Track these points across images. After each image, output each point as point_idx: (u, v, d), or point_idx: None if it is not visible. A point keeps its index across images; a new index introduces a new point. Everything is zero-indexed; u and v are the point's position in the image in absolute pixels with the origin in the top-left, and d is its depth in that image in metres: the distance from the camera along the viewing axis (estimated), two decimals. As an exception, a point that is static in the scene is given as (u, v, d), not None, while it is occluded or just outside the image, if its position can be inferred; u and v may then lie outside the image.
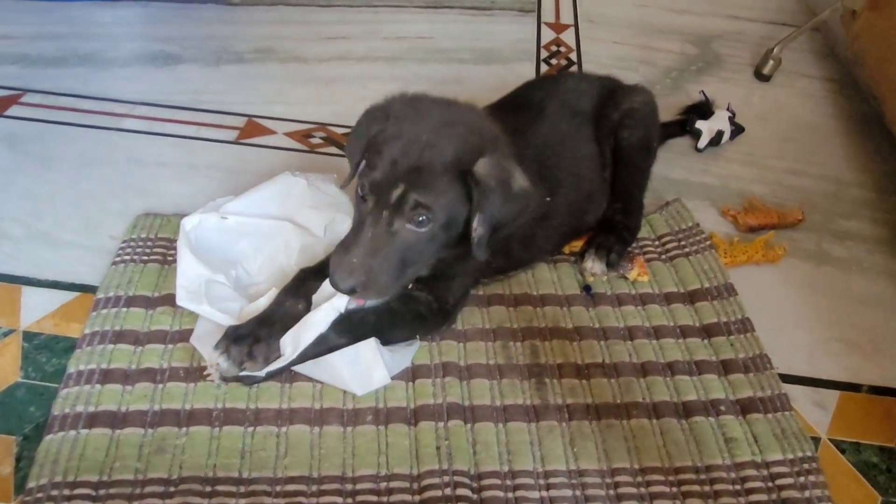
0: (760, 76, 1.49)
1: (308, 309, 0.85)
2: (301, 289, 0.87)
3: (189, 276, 0.87)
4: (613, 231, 1.00)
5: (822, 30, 1.61)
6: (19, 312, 0.94)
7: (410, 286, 0.86)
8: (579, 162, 1.00)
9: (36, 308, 0.94)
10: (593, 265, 0.97)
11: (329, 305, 0.82)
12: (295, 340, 0.82)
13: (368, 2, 1.71)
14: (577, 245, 1.02)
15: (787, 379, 0.89)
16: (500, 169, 0.77)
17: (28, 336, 0.91)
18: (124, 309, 0.91)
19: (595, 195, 1.02)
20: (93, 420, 0.79)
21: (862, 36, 1.32)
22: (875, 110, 1.35)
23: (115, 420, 0.80)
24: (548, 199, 0.89)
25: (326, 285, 0.86)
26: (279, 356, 0.82)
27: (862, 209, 1.17)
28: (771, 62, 1.48)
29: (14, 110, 1.29)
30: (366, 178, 0.77)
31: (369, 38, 1.56)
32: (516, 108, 0.99)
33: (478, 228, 0.77)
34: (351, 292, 0.77)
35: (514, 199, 0.79)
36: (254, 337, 0.82)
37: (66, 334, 0.91)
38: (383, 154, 0.76)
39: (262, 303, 0.88)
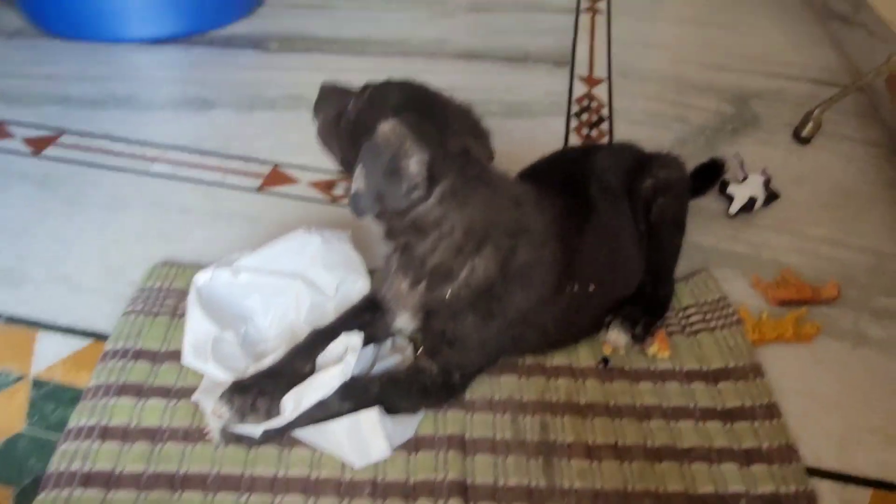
0: (799, 138, 1.44)
1: (314, 371, 0.84)
2: (311, 350, 0.86)
3: (197, 333, 0.87)
4: (642, 303, 0.97)
5: (866, 91, 1.56)
6: (31, 358, 0.95)
7: (419, 353, 0.84)
8: (621, 244, 0.97)
9: (48, 354, 0.95)
10: (618, 337, 0.94)
11: (336, 369, 0.81)
12: (297, 400, 0.80)
13: (403, 50, 1.72)
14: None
15: (815, 472, 0.83)
16: (381, 128, 0.76)
17: (37, 384, 0.91)
18: (131, 362, 0.91)
19: (634, 272, 0.99)
20: (87, 480, 0.78)
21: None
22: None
23: (110, 481, 0.78)
24: (591, 287, 0.90)
25: (333, 347, 0.85)
26: (279, 414, 0.80)
27: (904, 286, 1.11)
28: (811, 124, 1.43)
29: (50, 151, 1.32)
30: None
31: (401, 88, 1.57)
32: (564, 190, 0.95)
33: (355, 178, 0.77)
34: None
35: (385, 153, 0.76)
36: (259, 389, 0.81)
37: (73, 383, 0.91)
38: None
39: (269, 362, 0.87)
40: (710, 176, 1.24)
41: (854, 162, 1.40)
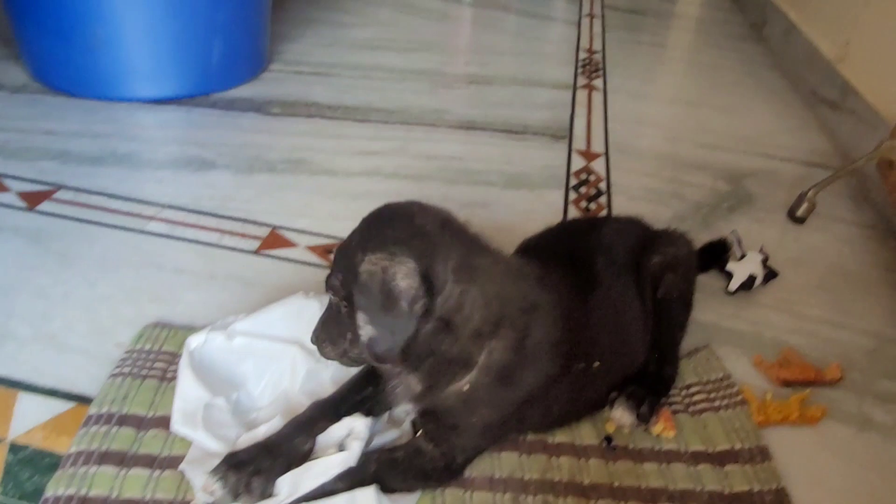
0: (794, 218, 1.46)
1: (313, 449, 0.80)
2: (311, 426, 0.82)
3: (188, 398, 0.84)
4: (646, 381, 0.94)
5: (857, 175, 1.59)
6: (10, 420, 0.90)
7: (418, 434, 0.80)
8: (627, 320, 0.96)
9: (28, 417, 0.90)
10: (622, 416, 0.91)
11: (338, 458, 0.77)
12: (294, 485, 0.76)
13: (404, 119, 1.75)
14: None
15: (828, 565, 0.80)
16: (383, 270, 0.72)
17: (14, 448, 0.86)
18: (115, 427, 0.87)
19: (639, 349, 0.97)
20: (61, 557, 0.73)
21: (901, 187, 1.30)
22: (916, 263, 1.30)
23: (85, 558, 0.73)
24: (596, 364, 0.89)
25: (336, 429, 0.81)
26: (273, 495, 0.76)
27: (906, 371, 1.09)
28: (805, 205, 1.45)
29: (45, 206, 1.30)
30: None
31: (400, 155, 1.59)
32: (568, 264, 0.94)
33: (362, 326, 0.74)
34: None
35: (394, 300, 0.72)
36: (255, 467, 0.77)
37: (53, 449, 0.86)
38: None
39: (263, 431, 0.83)
40: (715, 255, 1.24)
41: (848, 244, 1.42)
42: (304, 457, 0.78)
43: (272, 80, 1.89)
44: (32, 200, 1.31)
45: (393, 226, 0.76)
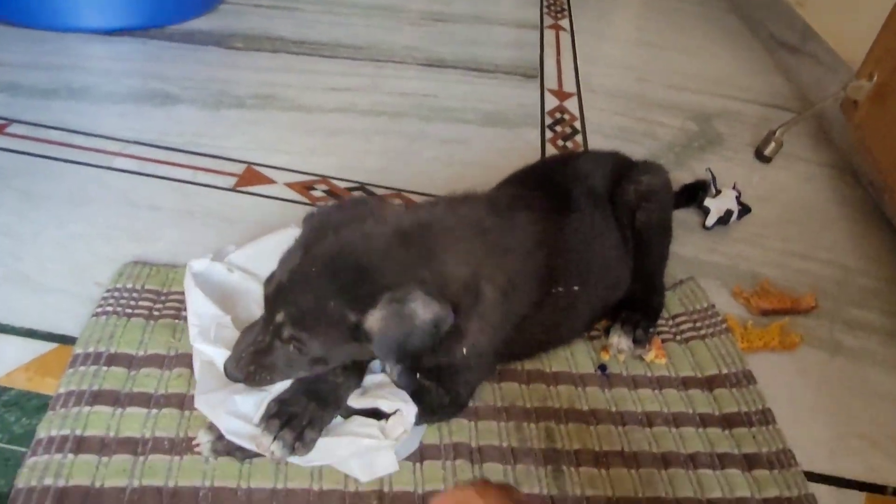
0: (762, 157, 1.50)
1: (358, 385, 0.79)
2: (354, 366, 0.79)
3: (201, 315, 0.81)
4: (638, 308, 0.97)
5: (817, 116, 1.64)
6: (-12, 363, 0.86)
7: (419, 375, 0.80)
8: (606, 246, 0.97)
9: (8, 359, 0.86)
10: (620, 341, 0.93)
11: (385, 450, 0.74)
12: (324, 451, 0.74)
13: (373, 56, 1.70)
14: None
15: (810, 477, 0.84)
16: (398, 316, 0.68)
17: (-4, 391, 0.82)
18: (104, 367, 0.83)
19: (619, 275, 0.99)
20: (62, 496, 0.70)
21: (865, 126, 1.34)
22: (875, 199, 1.36)
23: (89, 497, 0.71)
24: (576, 287, 0.88)
25: (385, 403, 0.77)
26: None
27: (871, 299, 1.15)
28: (773, 144, 1.49)
29: (-2, 141, 1.22)
30: (265, 286, 0.74)
31: (373, 92, 1.54)
32: (543, 192, 0.95)
33: (390, 371, 0.74)
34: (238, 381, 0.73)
35: (420, 333, 0.69)
36: (308, 418, 0.73)
37: (39, 390, 0.83)
38: (276, 270, 0.73)
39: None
40: (693, 194, 1.26)
41: (811, 181, 1.47)
42: (347, 395, 0.77)
43: (230, 14, 1.79)
44: (-17, 135, 1.22)
45: (376, 271, 0.70)
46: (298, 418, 0.72)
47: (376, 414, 0.77)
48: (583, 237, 0.94)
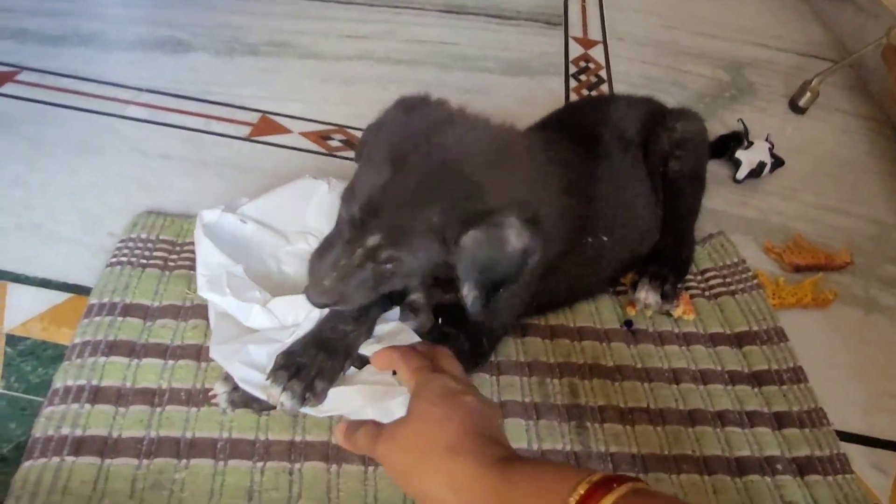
0: (796, 108, 1.44)
1: (369, 335, 0.76)
2: (364, 315, 0.75)
3: (210, 265, 0.78)
4: (667, 262, 0.93)
5: (854, 66, 1.57)
6: (3, 312, 0.84)
7: (440, 321, 0.77)
8: (636, 196, 0.93)
9: (22, 308, 0.85)
10: (647, 295, 0.90)
11: (397, 401, 0.70)
12: (338, 401, 0.71)
13: (389, 2, 1.63)
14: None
15: (843, 436, 0.82)
16: (492, 240, 0.64)
17: (12, 340, 0.81)
18: (119, 318, 0.82)
19: (651, 227, 0.95)
20: (79, 446, 0.70)
21: (908, 74, 1.28)
22: (916, 152, 1.30)
23: (106, 447, 0.70)
24: (605, 238, 0.84)
25: (390, 316, 0.77)
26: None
27: (908, 255, 1.11)
28: (808, 94, 1.42)
29: (8, 88, 1.19)
30: (345, 206, 0.67)
31: (390, 39, 1.49)
32: (570, 136, 0.90)
33: (467, 294, 0.67)
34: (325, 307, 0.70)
35: (508, 261, 0.66)
36: (317, 368, 0.70)
37: (54, 340, 0.81)
38: (365, 189, 0.65)
39: (295, 300, 0.76)
40: (725, 145, 1.21)
41: (848, 133, 1.41)
42: (358, 346, 0.74)
43: (243, -43, 1.73)
44: (-8, 82, 1.20)
45: (478, 191, 0.64)
46: (307, 369, 0.70)
47: None
48: (613, 185, 0.90)
